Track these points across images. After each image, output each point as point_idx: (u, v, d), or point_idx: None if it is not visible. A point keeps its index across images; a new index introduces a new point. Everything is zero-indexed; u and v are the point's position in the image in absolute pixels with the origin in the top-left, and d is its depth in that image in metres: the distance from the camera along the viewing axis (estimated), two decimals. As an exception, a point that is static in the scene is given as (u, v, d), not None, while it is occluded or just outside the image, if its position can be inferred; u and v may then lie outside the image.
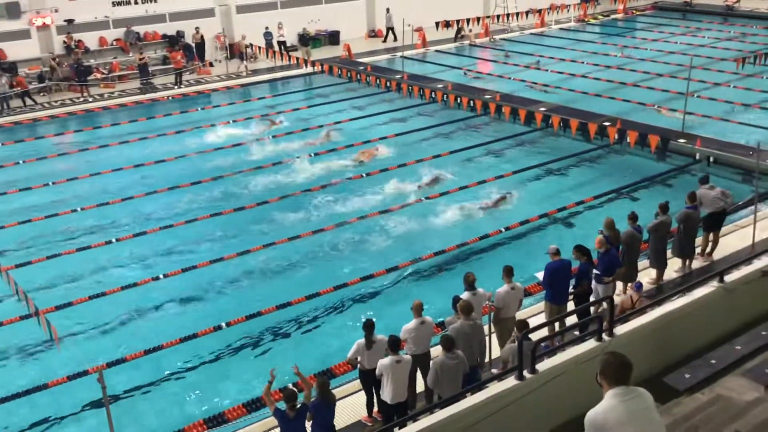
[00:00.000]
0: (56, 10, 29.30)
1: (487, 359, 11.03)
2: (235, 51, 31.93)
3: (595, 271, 12.00)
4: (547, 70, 30.00)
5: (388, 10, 35.08)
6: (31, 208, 18.51)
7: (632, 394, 5.21)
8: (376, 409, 10.25)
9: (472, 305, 10.12)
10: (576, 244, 12.03)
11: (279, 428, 8.87)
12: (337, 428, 10.00)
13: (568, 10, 40.26)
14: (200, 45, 31.50)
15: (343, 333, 12.71)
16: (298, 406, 8.73)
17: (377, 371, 9.58)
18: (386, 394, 9.59)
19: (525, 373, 8.95)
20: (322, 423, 8.96)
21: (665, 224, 13.09)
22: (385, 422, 9.84)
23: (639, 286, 12.35)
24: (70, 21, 29.64)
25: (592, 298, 11.92)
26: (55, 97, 27.92)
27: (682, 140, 20.27)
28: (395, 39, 34.55)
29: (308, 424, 8.88)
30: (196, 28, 31.20)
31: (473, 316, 10.15)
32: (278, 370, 11.79)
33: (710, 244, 14.27)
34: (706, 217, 14.02)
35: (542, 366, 9.13)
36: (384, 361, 9.47)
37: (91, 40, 30.18)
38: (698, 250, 14.20)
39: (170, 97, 28.22)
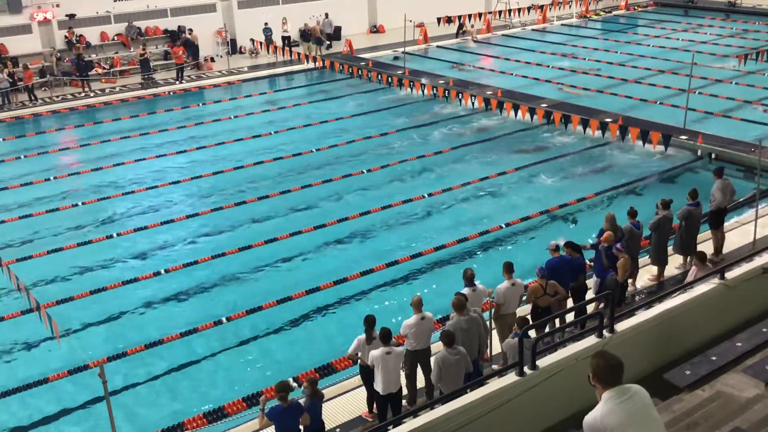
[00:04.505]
0: (57, 5, 29.27)
1: (488, 356, 11.06)
2: (312, 36, 32.39)
3: (593, 265, 12.04)
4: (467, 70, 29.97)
5: (327, 15, 34.47)
6: (32, 202, 18.52)
7: (627, 393, 5.13)
8: (376, 404, 10.26)
9: (464, 300, 10.11)
10: (574, 241, 12.04)
11: (275, 428, 8.87)
12: (338, 423, 10.08)
13: (570, 6, 40.17)
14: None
15: (338, 330, 12.75)
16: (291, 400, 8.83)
17: (369, 362, 9.64)
18: (378, 384, 9.67)
19: (525, 369, 8.95)
20: (313, 417, 9.05)
21: (666, 220, 13.07)
22: (379, 413, 9.91)
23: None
24: (71, 16, 29.60)
25: (591, 293, 11.93)
26: (57, 92, 27.90)
27: (683, 137, 20.24)
28: (330, 46, 33.87)
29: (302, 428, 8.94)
30: (190, 30, 31.09)
31: (471, 310, 10.13)
32: (277, 367, 11.92)
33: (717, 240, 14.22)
34: (716, 212, 13.96)
35: (543, 362, 9.13)
36: (375, 352, 9.54)
37: (92, 35, 30.15)
38: (710, 250, 14.11)
39: (171, 92, 28.21)
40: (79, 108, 26.58)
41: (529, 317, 10.91)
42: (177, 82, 28.86)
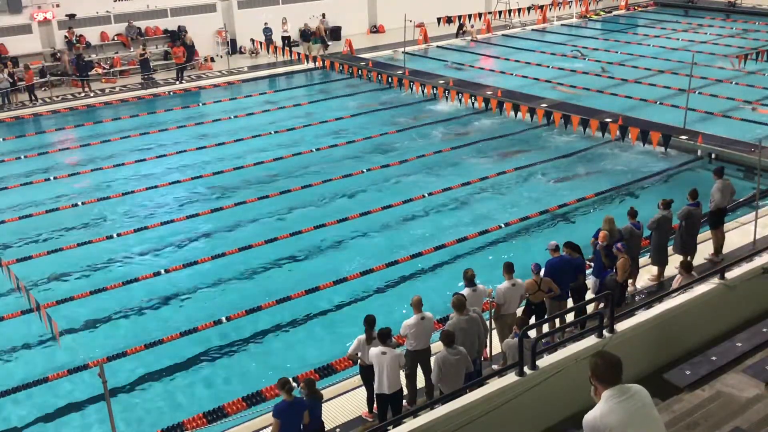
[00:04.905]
0: (57, 5, 29.27)
1: (487, 355, 11.07)
2: (316, 35, 32.72)
3: (593, 265, 12.04)
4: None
5: (323, 15, 34.40)
6: (32, 202, 18.51)
7: (628, 393, 5.12)
8: (376, 405, 10.26)
9: (464, 300, 10.12)
10: (574, 241, 12.04)
11: (281, 425, 8.81)
12: (338, 424, 10.08)
13: (570, 6, 40.18)
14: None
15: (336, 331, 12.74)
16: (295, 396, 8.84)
17: (368, 359, 9.69)
18: (375, 383, 9.73)
19: (525, 369, 8.95)
20: (313, 418, 9.05)
21: (666, 219, 13.07)
22: (379, 412, 9.93)
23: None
24: (71, 16, 29.59)
25: (590, 293, 11.94)
26: (57, 92, 27.90)
27: (683, 137, 20.24)
28: (327, 47, 33.83)
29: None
30: (184, 30, 31.17)
31: (471, 309, 10.14)
32: (277, 367, 11.91)
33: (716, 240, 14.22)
34: (715, 212, 13.96)
35: (543, 362, 9.13)
36: (372, 351, 9.59)
37: (92, 35, 30.12)
38: (710, 250, 14.14)
39: (171, 92, 28.21)
40: (79, 108, 26.56)
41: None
42: (177, 83, 28.85)
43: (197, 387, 11.65)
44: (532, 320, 11.03)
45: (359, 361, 10.06)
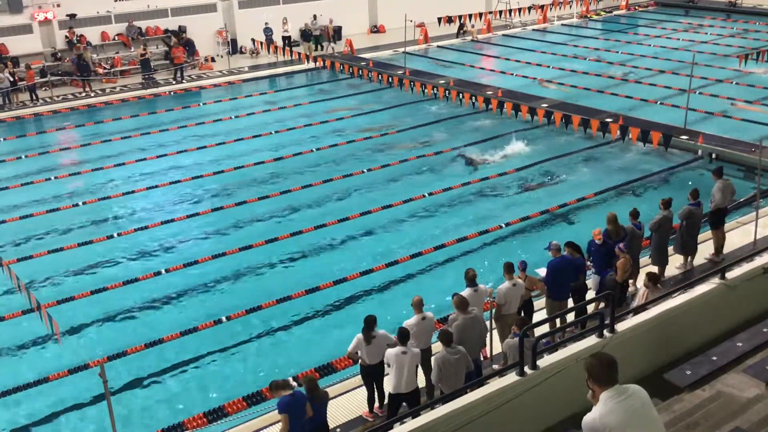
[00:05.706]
0: (58, 5, 29.28)
1: (488, 355, 11.07)
2: (325, 35, 33.29)
3: (591, 264, 12.08)
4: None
5: (314, 16, 34.28)
6: (33, 202, 18.52)
7: (626, 393, 5.11)
8: (377, 404, 10.26)
9: (467, 300, 10.11)
10: (574, 241, 12.04)
11: (290, 420, 8.74)
12: (338, 423, 10.06)
13: (571, 6, 40.18)
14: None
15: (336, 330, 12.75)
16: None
17: (385, 359, 9.66)
18: (390, 383, 9.69)
19: (526, 369, 8.94)
20: (317, 416, 8.99)
21: (666, 219, 13.08)
22: (390, 412, 9.86)
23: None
24: (72, 16, 29.61)
25: (591, 293, 11.93)
26: (57, 91, 27.90)
27: (684, 137, 20.22)
28: (322, 48, 33.67)
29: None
30: (174, 31, 31.20)
31: (472, 309, 10.14)
32: (277, 366, 11.91)
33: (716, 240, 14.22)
34: (715, 212, 13.96)
35: (543, 362, 9.13)
36: (390, 352, 9.56)
37: (93, 34, 30.14)
38: (710, 250, 14.14)
39: (172, 92, 28.21)
40: (80, 108, 26.58)
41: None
42: (174, 82, 28.83)
43: (197, 387, 11.64)
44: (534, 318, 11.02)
45: (359, 360, 10.05)
